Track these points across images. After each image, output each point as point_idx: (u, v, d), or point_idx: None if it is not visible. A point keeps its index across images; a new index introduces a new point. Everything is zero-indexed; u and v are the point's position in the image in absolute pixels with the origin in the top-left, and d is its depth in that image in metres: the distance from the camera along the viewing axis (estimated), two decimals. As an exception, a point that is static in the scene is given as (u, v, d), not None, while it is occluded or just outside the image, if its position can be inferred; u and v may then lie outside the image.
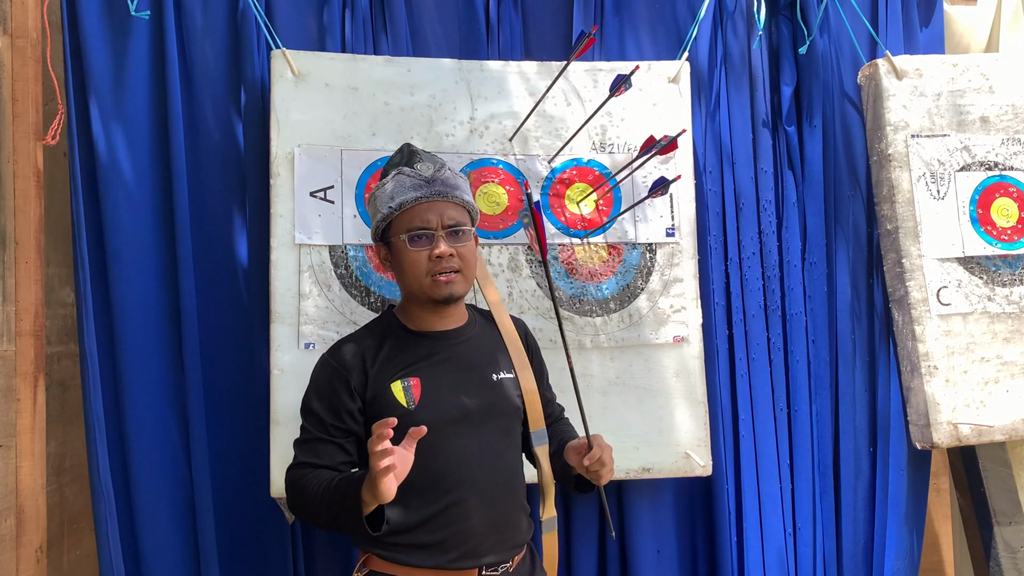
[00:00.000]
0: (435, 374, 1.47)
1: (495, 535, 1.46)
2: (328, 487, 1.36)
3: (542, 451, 1.58)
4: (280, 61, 1.94)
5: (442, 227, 1.47)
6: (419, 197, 1.47)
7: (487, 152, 2.03)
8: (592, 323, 2.03)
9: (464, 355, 1.52)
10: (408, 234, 1.47)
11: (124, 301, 1.89)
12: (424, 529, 1.42)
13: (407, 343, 1.50)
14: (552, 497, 1.60)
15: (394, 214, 1.48)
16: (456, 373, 1.49)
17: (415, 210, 1.47)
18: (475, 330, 1.58)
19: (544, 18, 2.20)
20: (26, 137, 1.77)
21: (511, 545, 1.49)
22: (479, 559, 1.44)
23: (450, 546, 1.42)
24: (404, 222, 1.48)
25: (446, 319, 1.54)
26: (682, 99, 2.12)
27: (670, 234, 2.08)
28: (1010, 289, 2.22)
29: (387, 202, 1.49)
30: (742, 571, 2.16)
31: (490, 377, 1.52)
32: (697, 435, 2.05)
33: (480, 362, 1.53)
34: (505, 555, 1.47)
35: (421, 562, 1.42)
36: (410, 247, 1.46)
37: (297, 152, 1.93)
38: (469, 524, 1.43)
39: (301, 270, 1.92)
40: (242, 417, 1.97)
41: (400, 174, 1.50)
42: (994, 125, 2.26)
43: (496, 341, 1.60)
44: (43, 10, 1.82)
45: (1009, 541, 2.34)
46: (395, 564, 1.43)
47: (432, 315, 1.52)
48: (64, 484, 1.95)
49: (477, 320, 1.61)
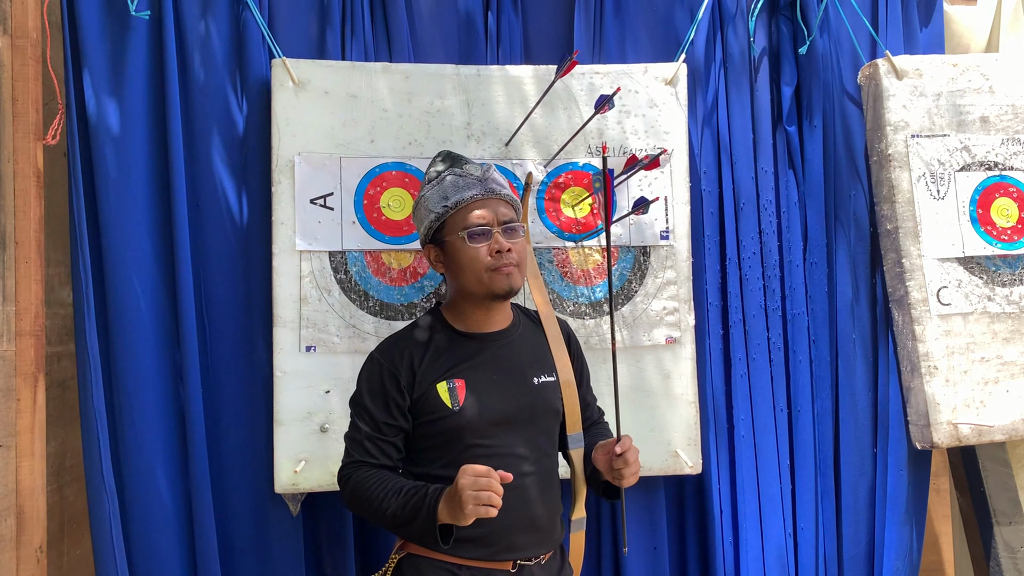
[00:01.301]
0: (479, 376, 1.51)
1: (533, 533, 1.51)
2: (399, 496, 1.42)
3: (577, 453, 1.62)
4: (280, 70, 1.95)
5: (498, 224, 1.51)
6: (475, 195, 1.51)
7: (484, 157, 2.04)
8: (585, 325, 2.04)
9: (507, 357, 1.56)
10: (466, 231, 1.50)
11: (124, 301, 1.90)
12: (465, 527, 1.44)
13: (453, 343, 1.54)
14: (583, 498, 1.64)
15: (449, 213, 1.52)
16: (499, 375, 1.53)
17: (470, 208, 1.51)
18: (519, 332, 1.62)
19: (544, 22, 2.20)
20: (26, 137, 1.77)
21: (546, 543, 1.53)
22: (517, 553, 1.49)
23: (489, 541, 1.47)
24: (459, 220, 1.51)
25: (494, 319, 1.58)
26: (678, 102, 2.12)
27: (664, 237, 2.09)
28: (1010, 289, 2.22)
29: (440, 202, 1.52)
30: (738, 570, 2.16)
31: (532, 380, 1.56)
32: (687, 435, 2.06)
33: (523, 365, 1.57)
34: (540, 550, 1.52)
35: (460, 553, 1.46)
36: (470, 243, 1.50)
37: (297, 160, 1.95)
38: (508, 522, 1.46)
39: (302, 275, 1.94)
40: (242, 418, 1.97)
41: (451, 174, 1.54)
42: (994, 125, 2.26)
43: (540, 343, 1.64)
44: (43, 10, 1.82)
45: (1009, 541, 2.34)
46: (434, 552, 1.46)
47: (483, 314, 1.56)
48: (64, 484, 1.95)
49: (522, 321, 1.65)
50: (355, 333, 1.94)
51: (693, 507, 2.19)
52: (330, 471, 1.86)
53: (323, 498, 2.00)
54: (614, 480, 1.51)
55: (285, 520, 1.96)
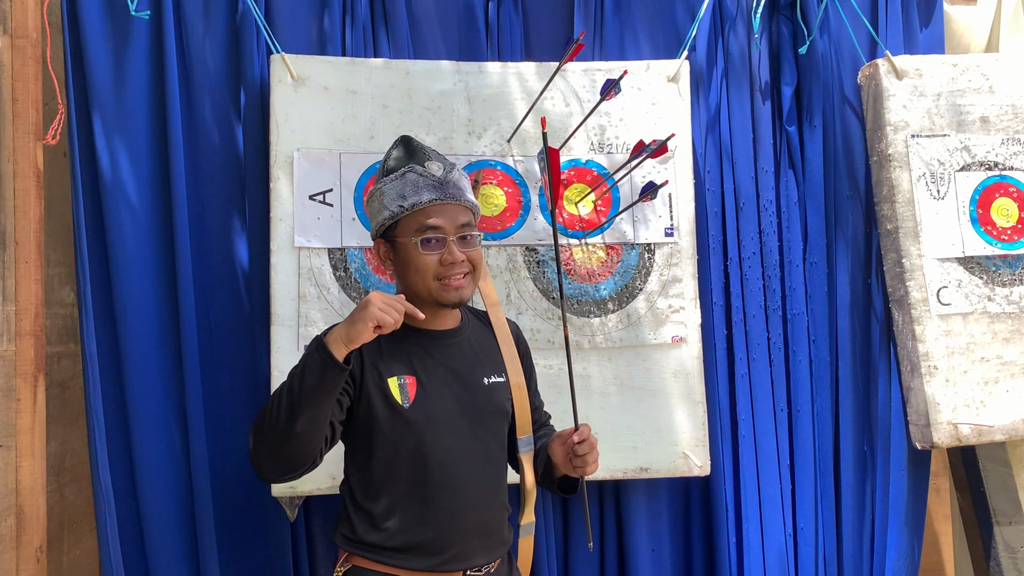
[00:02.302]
0: (429, 373, 1.47)
1: (481, 537, 1.46)
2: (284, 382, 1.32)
3: (526, 457, 1.58)
4: (279, 65, 1.95)
5: (454, 231, 1.45)
6: (433, 199, 1.44)
7: (485, 154, 2.03)
8: (590, 324, 2.03)
9: (457, 356, 1.52)
10: (419, 236, 1.44)
11: (124, 301, 1.90)
12: (412, 530, 1.42)
13: (404, 338, 1.47)
14: (532, 503, 1.60)
15: (403, 213, 1.45)
16: (449, 374, 1.49)
17: (427, 212, 1.45)
18: (469, 331, 1.57)
19: (544, 19, 2.20)
20: (26, 137, 1.77)
21: (496, 546, 1.49)
22: (466, 561, 1.44)
23: (438, 548, 1.42)
24: (414, 223, 1.45)
25: (443, 319, 1.53)
26: (681, 99, 2.12)
27: (669, 234, 2.08)
28: (1010, 289, 2.22)
29: (396, 200, 1.45)
30: (741, 571, 2.16)
31: (481, 380, 1.51)
32: (695, 435, 2.05)
33: (472, 364, 1.53)
34: (490, 556, 1.48)
35: (409, 564, 1.41)
36: (422, 250, 1.44)
37: (296, 156, 1.94)
38: (456, 525, 1.42)
39: (300, 272, 1.93)
40: (242, 417, 1.97)
41: (411, 171, 1.46)
42: (994, 125, 2.26)
43: (490, 343, 1.60)
44: (43, 10, 1.82)
45: (1009, 541, 2.34)
46: (380, 564, 1.41)
47: (431, 314, 1.50)
48: (64, 484, 1.95)
49: (471, 320, 1.60)
50: (355, 332, 1.94)
51: (698, 508, 2.18)
52: (328, 474, 1.85)
53: (321, 502, 2.00)
54: (574, 470, 1.47)
55: (283, 524, 1.96)
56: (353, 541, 1.44)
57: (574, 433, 1.47)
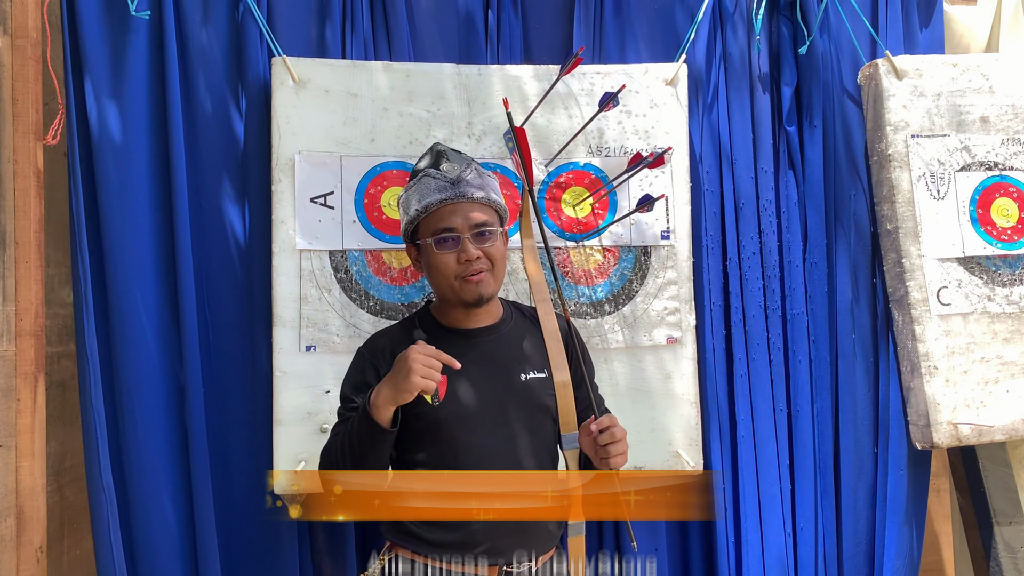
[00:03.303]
0: (462, 372, 1.47)
1: (518, 534, 1.48)
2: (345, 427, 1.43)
3: (571, 455, 1.57)
4: (280, 68, 1.95)
5: (468, 229, 1.48)
6: (443, 199, 1.49)
7: (485, 157, 2.04)
8: (586, 325, 2.04)
9: (493, 353, 1.54)
10: (434, 237, 1.49)
11: (124, 301, 1.89)
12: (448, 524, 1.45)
13: (438, 338, 1.51)
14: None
15: (420, 217, 1.51)
16: (483, 371, 1.51)
17: (440, 213, 1.49)
18: (508, 327, 1.59)
19: (544, 22, 2.20)
20: (26, 137, 1.77)
21: (537, 544, 1.50)
22: (501, 556, 1.46)
23: (471, 542, 1.45)
24: (430, 225, 1.50)
25: (478, 316, 1.56)
26: (679, 102, 2.12)
27: (665, 237, 2.09)
28: (1010, 289, 2.22)
29: (415, 204, 1.51)
30: (740, 571, 2.16)
31: (518, 376, 1.53)
32: (688, 435, 2.06)
33: (509, 361, 1.54)
34: (531, 552, 1.49)
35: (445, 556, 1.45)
36: (437, 250, 1.49)
37: (298, 159, 1.94)
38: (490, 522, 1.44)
39: (302, 274, 1.94)
40: (242, 418, 1.97)
41: (426, 176, 1.51)
42: (994, 125, 2.26)
43: (532, 339, 1.60)
44: (43, 10, 1.82)
45: (1009, 541, 2.34)
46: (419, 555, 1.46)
47: (463, 313, 1.55)
48: (64, 484, 1.95)
49: (513, 317, 1.62)
50: (355, 333, 1.94)
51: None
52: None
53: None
54: (602, 464, 1.46)
55: (284, 523, 1.96)
56: (397, 531, 1.50)
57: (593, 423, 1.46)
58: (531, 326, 1.63)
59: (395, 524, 1.50)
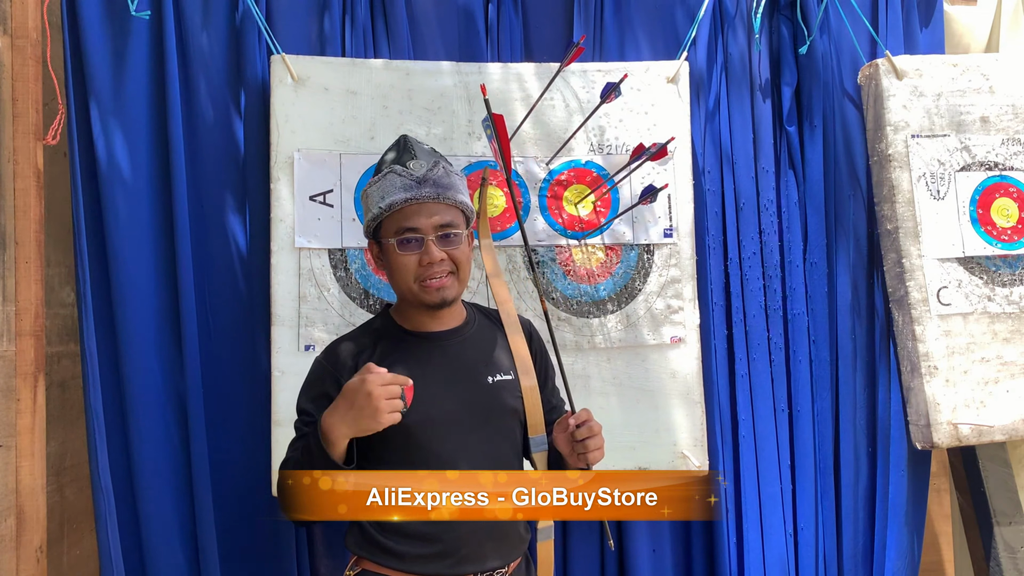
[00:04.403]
0: (427, 376, 1.44)
1: (491, 540, 1.44)
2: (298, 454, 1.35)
3: (540, 457, 1.53)
4: (280, 66, 1.95)
5: (432, 231, 1.42)
6: (408, 199, 1.42)
7: (485, 154, 2.03)
8: (589, 324, 2.03)
9: (458, 356, 1.49)
10: (397, 237, 1.42)
11: (124, 301, 1.89)
12: (417, 535, 1.40)
13: (401, 343, 1.47)
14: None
15: (384, 215, 1.44)
16: (449, 376, 1.46)
17: (404, 212, 1.42)
18: (472, 330, 1.54)
19: (544, 20, 2.20)
20: (26, 137, 1.77)
21: (509, 550, 1.47)
22: (477, 564, 1.42)
23: (446, 552, 1.40)
24: (393, 224, 1.43)
25: (441, 319, 1.51)
26: (680, 99, 2.12)
27: (668, 235, 2.09)
28: (1010, 289, 2.22)
29: (378, 201, 1.44)
30: (741, 571, 2.16)
31: (484, 379, 1.48)
32: (693, 435, 2.05)
33: (475, 364, 1.50)
34: (504, 559, 1.45)
35: (417, 568, 1.40)
36: (399, 251, 1.42)
37: (297, 157, 1.94)
38: (462, 529, 1.40)
39: (301, 273, 1.93)
40: (242, 417, 1.97)
41: (392, 172, 1.44)
42: (994, 125, 2.26)
43: (497, 341, 1.56)
44: (43, 10, 1.82)
45: (1009, 541, 2.34)
46: (389, 569, 1.40)
47: (425, 316, 1.49)
48: (64, 484, 1.95)
49: (476, 319, 1.57)
50: (355, 332, 1.94)
51: (698, 508, 2.19)
52: (329, 472, 1.85)
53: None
54: (579, 461, 1.41)
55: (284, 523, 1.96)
56: (363, 545, 1.43)
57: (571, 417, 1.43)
58: (493, 327, 1.58)
59: (361, 537, 1.44)
